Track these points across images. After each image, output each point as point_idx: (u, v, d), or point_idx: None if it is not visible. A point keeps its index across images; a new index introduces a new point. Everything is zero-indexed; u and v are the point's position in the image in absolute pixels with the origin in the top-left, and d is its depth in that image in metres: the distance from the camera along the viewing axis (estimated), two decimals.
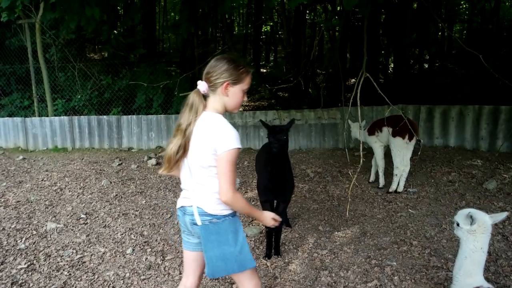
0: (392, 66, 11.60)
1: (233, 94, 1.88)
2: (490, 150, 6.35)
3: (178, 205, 2.04)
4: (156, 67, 8.73)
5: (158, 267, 3.27)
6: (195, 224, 1.91)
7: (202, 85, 1.88)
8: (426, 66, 12.34)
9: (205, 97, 1.91)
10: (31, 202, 4.77)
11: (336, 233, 3.79)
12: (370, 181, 5.19)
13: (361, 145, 3.99)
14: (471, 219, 2.09)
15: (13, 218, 4.27)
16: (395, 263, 3.18)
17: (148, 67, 8.66)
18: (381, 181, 4.99)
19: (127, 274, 3.16)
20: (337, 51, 9.70)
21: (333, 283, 2.93)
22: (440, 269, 3.07)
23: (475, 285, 1.98)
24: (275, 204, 3.41)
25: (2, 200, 4.86)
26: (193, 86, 1.92)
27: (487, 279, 2.12)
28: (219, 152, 1.77)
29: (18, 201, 4.80)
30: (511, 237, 3.53)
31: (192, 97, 1.89)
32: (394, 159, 4.71)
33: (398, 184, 4.77)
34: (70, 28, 7.55)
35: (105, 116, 7.67)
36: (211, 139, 1.80)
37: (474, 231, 2.09)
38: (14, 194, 5.08)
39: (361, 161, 3.78)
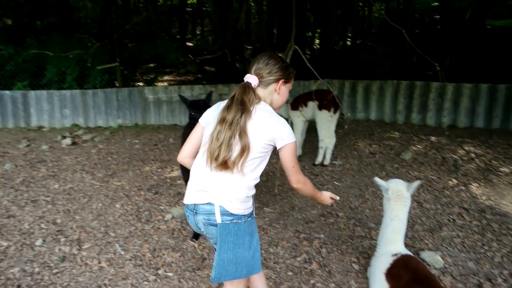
0: (318, 41, 11.83)
1: (283, 93, 1.91)
2: (406, 122, 6.79)
3: (187, 202, 1.82)
4: (68, 37, 7.85)
5: (73, 257, 2.96)
6: (212, 224, 1.75)
7: (253, 79, 1.84)
8: (349, 43, 12.81)
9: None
10: None
11: (265, 209, 3.76)
12: (298, 154, 5.26)
13: (288, 120, 3.97)
14: (385, 187, 2.16)
15: None
16: (322, 236, 3.23)
17: (59, 36, 7.75)
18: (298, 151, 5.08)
19: (36, 269, 2.81)
20: (265, 25, 9.59)
21: (263, 260, 2.89)
22: (364, 238, 3.19)
23: (394, 252, 2.04)
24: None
25: None
26: (112, 59, 1.65)
27: (405, 244, 2.20)
28: (281, 145, 1.77)
29: None
30: (425, 203, 3.79)
31: (243, 91, 1.78)
32: (319, 132, 4.79)
33: (324, 157, 4.88)
34: None
35: (7, 91, 6.77)
36: (267, 131, 1.75)
37: (389, 199, 2.15)
38: None
39: None
